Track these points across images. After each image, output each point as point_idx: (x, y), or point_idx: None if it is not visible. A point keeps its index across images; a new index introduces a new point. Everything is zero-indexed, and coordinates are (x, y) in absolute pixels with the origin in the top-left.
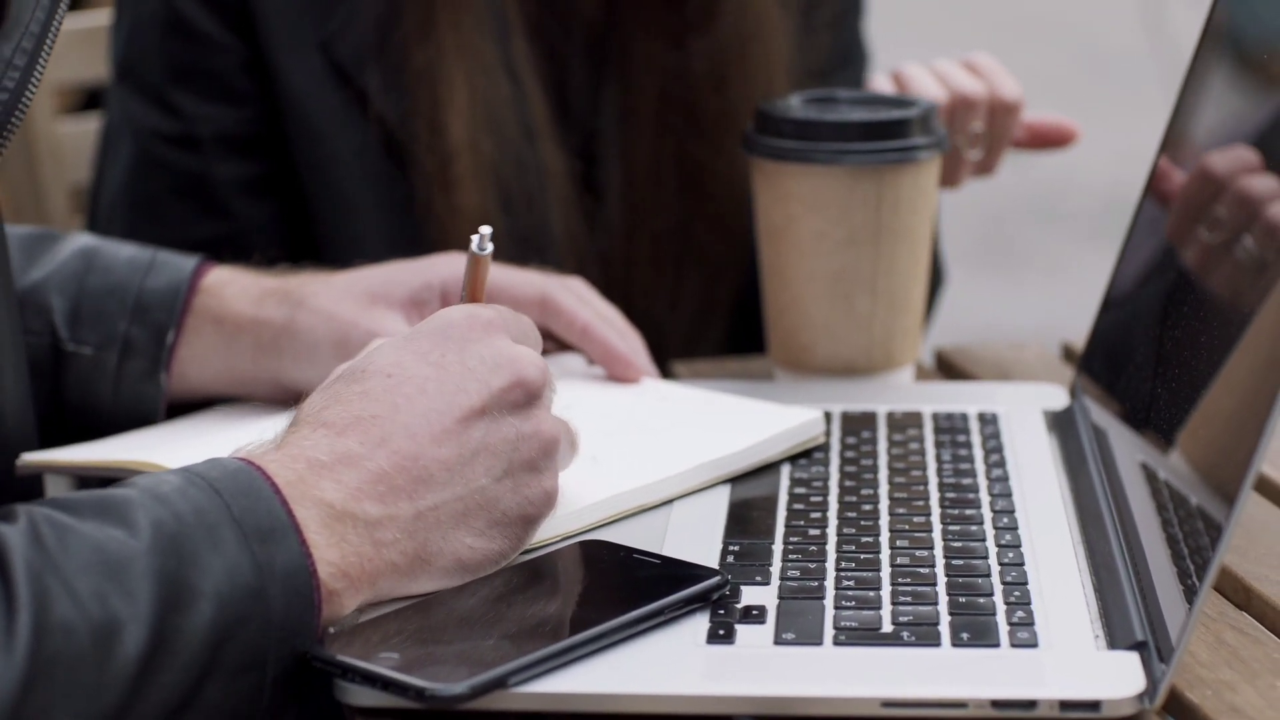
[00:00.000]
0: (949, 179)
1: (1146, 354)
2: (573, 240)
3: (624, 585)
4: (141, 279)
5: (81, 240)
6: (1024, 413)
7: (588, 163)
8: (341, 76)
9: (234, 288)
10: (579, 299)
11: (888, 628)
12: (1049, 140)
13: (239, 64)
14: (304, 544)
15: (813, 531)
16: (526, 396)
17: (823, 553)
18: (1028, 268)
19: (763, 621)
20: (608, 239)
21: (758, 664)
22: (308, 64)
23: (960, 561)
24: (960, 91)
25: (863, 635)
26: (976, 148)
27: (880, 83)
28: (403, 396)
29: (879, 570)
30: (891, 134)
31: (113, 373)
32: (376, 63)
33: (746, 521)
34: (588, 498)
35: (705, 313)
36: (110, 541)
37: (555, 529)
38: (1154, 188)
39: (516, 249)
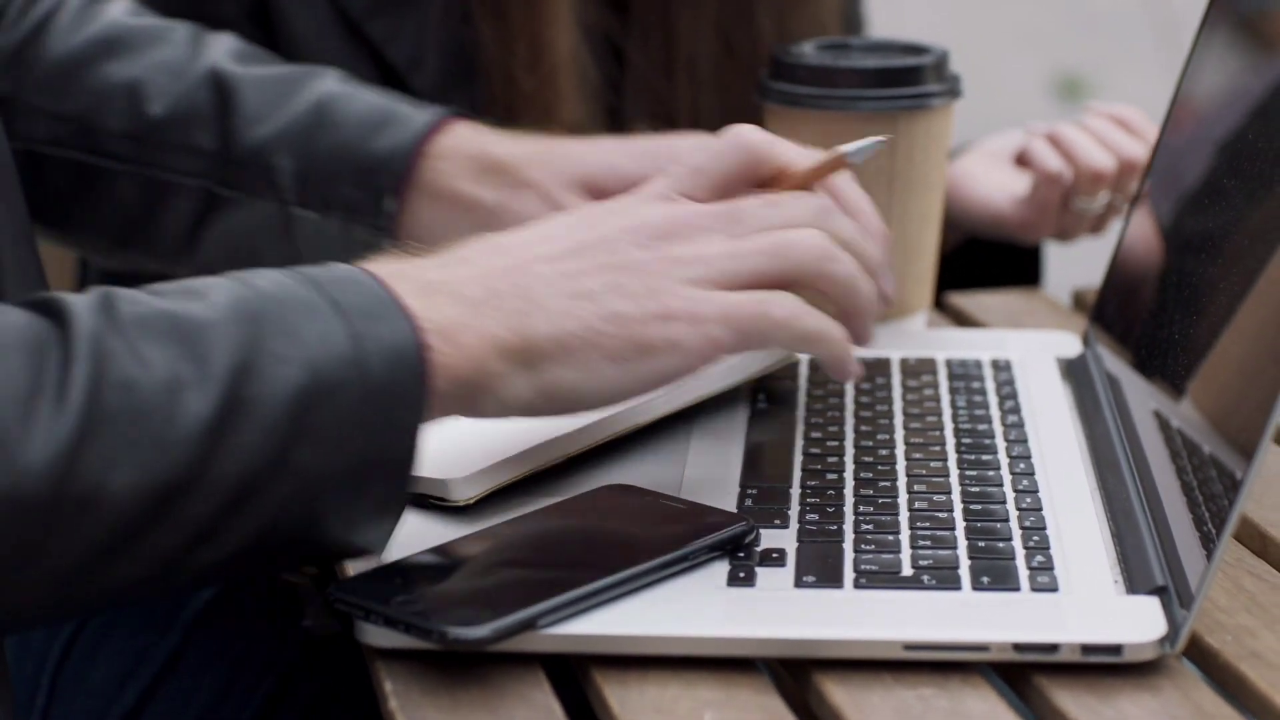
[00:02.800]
0: (1064, 235)
1: (1159, 302)
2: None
3: (650, 530)
4: (370, 139)
5: (322, 87)
6: (1037, 360)
7: (609, 115)
8: (349, 25)
9: (457, 158)
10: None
11: (908, 571)
12: None
13: (243, 13)
14: (405, 311)
15: (830, 475)
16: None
17: (841, 496)
18: None
19: (783, 564)
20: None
21: (778, 606)
22: (314, 12)
23: (978, 506)
24: (1093, 168)
25: (883, 578)
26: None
27: (1037, 144)
28: (528, 228)
29: (897, 514)
30: (905, 80)
31: (339, 237)
32: (387, 11)
33: (763, 466)
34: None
35: None
36: (185, 311)
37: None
38: (1167, 136)
39: None
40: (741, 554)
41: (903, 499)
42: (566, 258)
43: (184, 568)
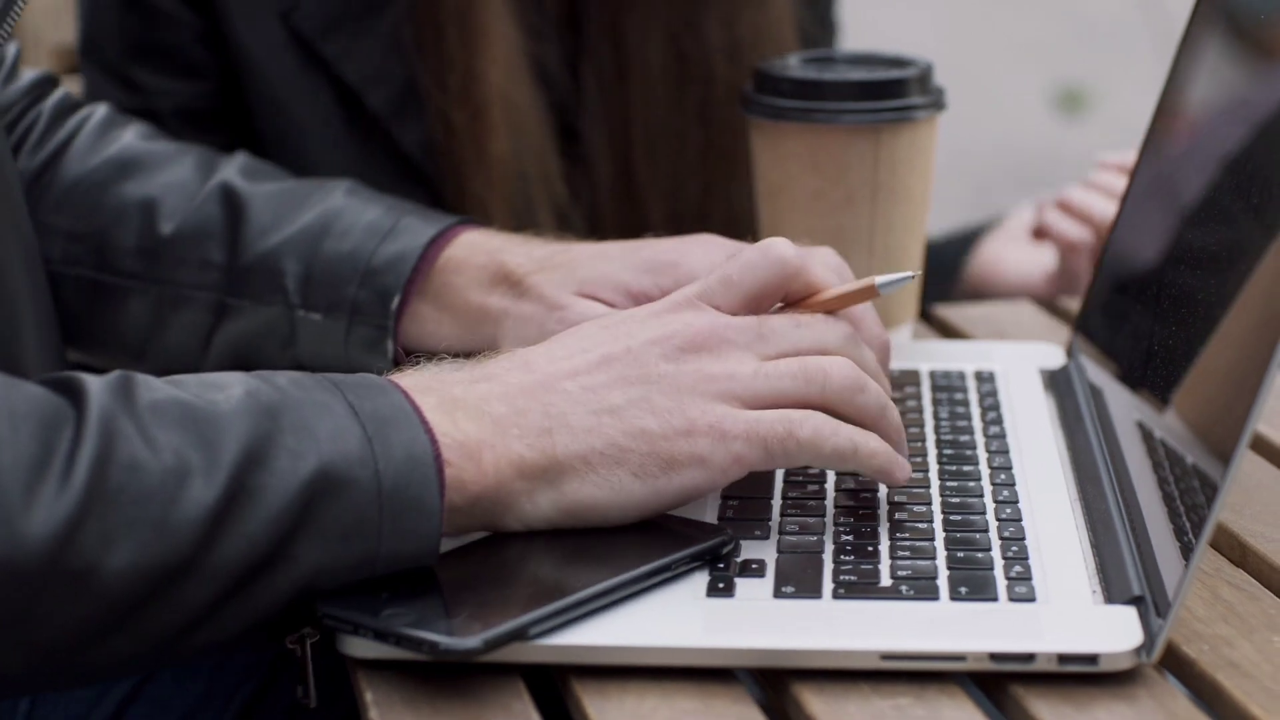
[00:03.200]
0: (1048, 292)
1: (1142, 313)
2: (554, 202)
3: (631, 540)
4: (377, 245)
5: (331, 200)
6: (1020, 371)
7: (565, 134)
8: (302, 45)
9: (469, 270)
10: None
11: (886, 581)
12: None
13: (196, 37)
14: (425, 424)
15: (811, 487)
16: (692, 345)
17: (821, 508)
18: None
19: (762, 575)
20: (590, 205)
21: (757, 617)
22: (268, 34)
23: (958, 517)
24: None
25: (862, 588)
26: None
27: (1052, 216)
28: (555, 341)
29: (877, 525)
30: (889, 93)
31: (342, 338)
32: (341, 30)
33: (745, 477)
34: None
35: None
36: (201, 400)
37: None
38: (1150, 147)
39: (512, 208)
40: (721, 565)
41: (883, 510)
42: (593, 371)
43: (179, 648)
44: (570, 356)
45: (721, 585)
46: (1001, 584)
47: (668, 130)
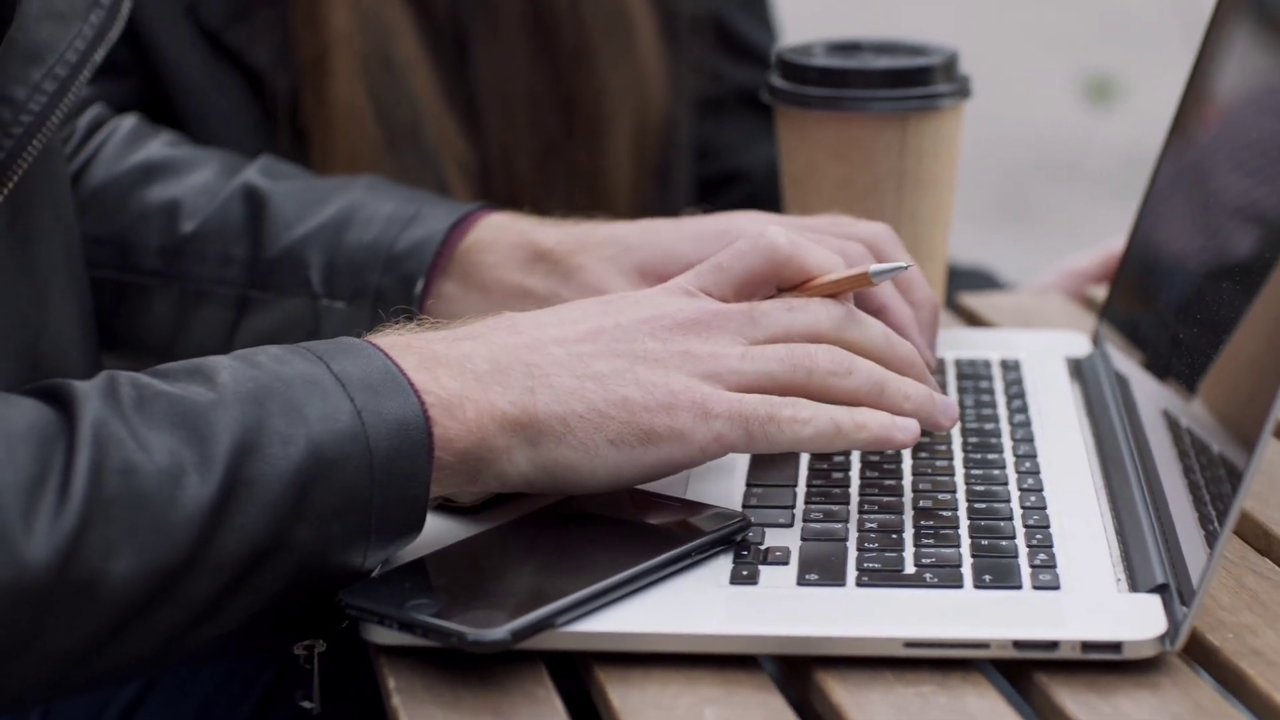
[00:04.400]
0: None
1: (1168, 302)
2: (449, 147)
3: (651, 527)
4: (399, 232)
5: (352, 194)
6: (1046, 360)
7: (455, 75)
8: (209, 37)
9: (500, 249)
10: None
11: (910, 569)
12: None
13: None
14: (412, 385)
15: (835, 474)
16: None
17: (846, 495)
18: (1045, 227)
19: (786, 563)
20: (485, 150)
21: (780, 604)
22: (177, 30)
23: (983, 505)
24: None
25: (885, 576)
26: None
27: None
28: (546, 310)
29: (902, 513)
30: (915, 81)
31: (366, 326)
32: (244, 20)
33: (769, 464)
34: None
35: None
36: (188, 395)
37: None
38: (1175, 137)
39: (390, 150)
40: (745, 552)
41: (908, 497)
42: (581, 341)
43: (186, 645)
44: (560, 325)
45: (745, 573)
46: (1025, 572)
47: (522, 81)
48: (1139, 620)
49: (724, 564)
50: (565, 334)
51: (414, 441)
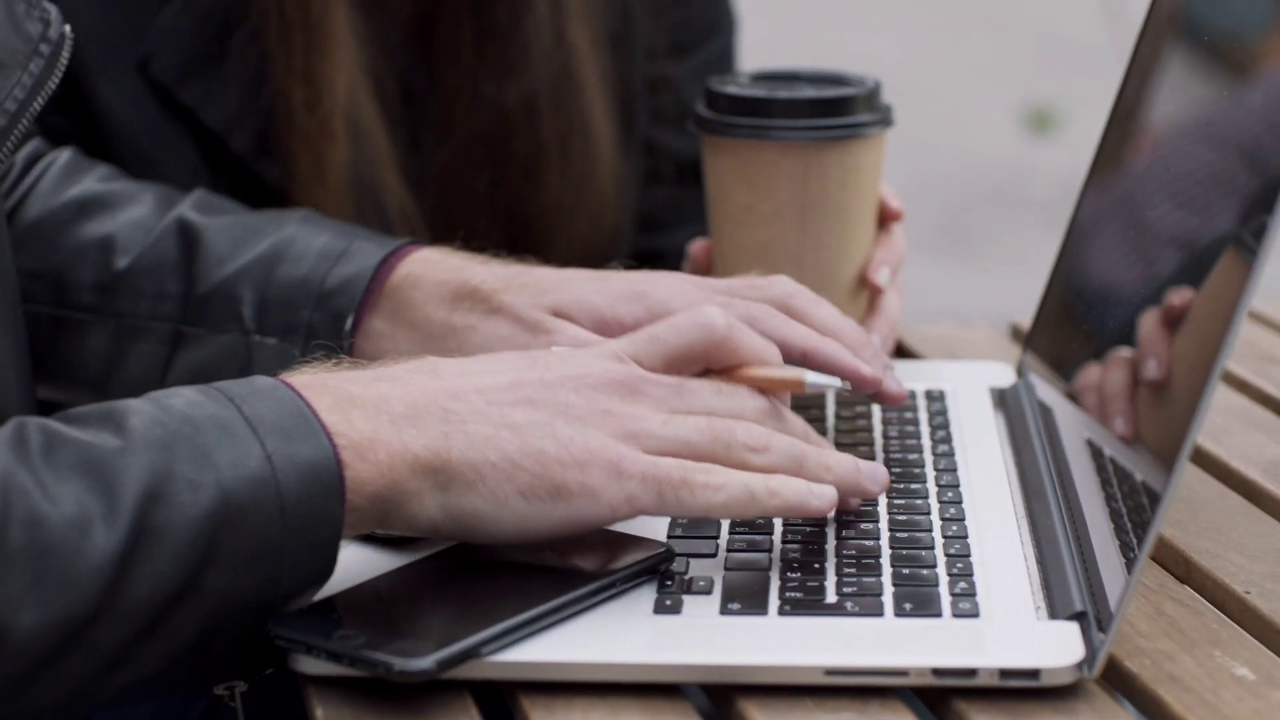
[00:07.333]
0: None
1: (1090, 331)
2: (405, 215)
3: (576, 557)
4: (330, 268)
5: (285, 230)
6: (971, 390)
7: (410, 149)
8: (161, 94)
9: (426, 285)
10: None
11: (832, 598)
12: None
13: (51, 105)
14: (324, 428)
15: None
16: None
17: (769, 525)
18: (987, 254)
19: (709, 592)
20: (437, 235)
21: (704, 633)
22: (127, 87)
23: (905, 534)
24: None
25: (807, 605)
26: None
27: None
28: (470, 359)
29: (824, 543)
30: (824, 111)
31: (297, 361)
32: (198, 76)
33: None
34: None
35: None
36: (96, 442)
37: None
38: (1098, 169)
39: (358, 208)
40: (669, 582)
41: (830, 528)
42: (503, 390)
43: (99, 693)
44: (482, 374)
45: (669, 603)
46: (945, 600)
47: (468, 188)
48: (1057, 647)
49: (648, 593)
50: (487, 383)
51: (325, 485)
